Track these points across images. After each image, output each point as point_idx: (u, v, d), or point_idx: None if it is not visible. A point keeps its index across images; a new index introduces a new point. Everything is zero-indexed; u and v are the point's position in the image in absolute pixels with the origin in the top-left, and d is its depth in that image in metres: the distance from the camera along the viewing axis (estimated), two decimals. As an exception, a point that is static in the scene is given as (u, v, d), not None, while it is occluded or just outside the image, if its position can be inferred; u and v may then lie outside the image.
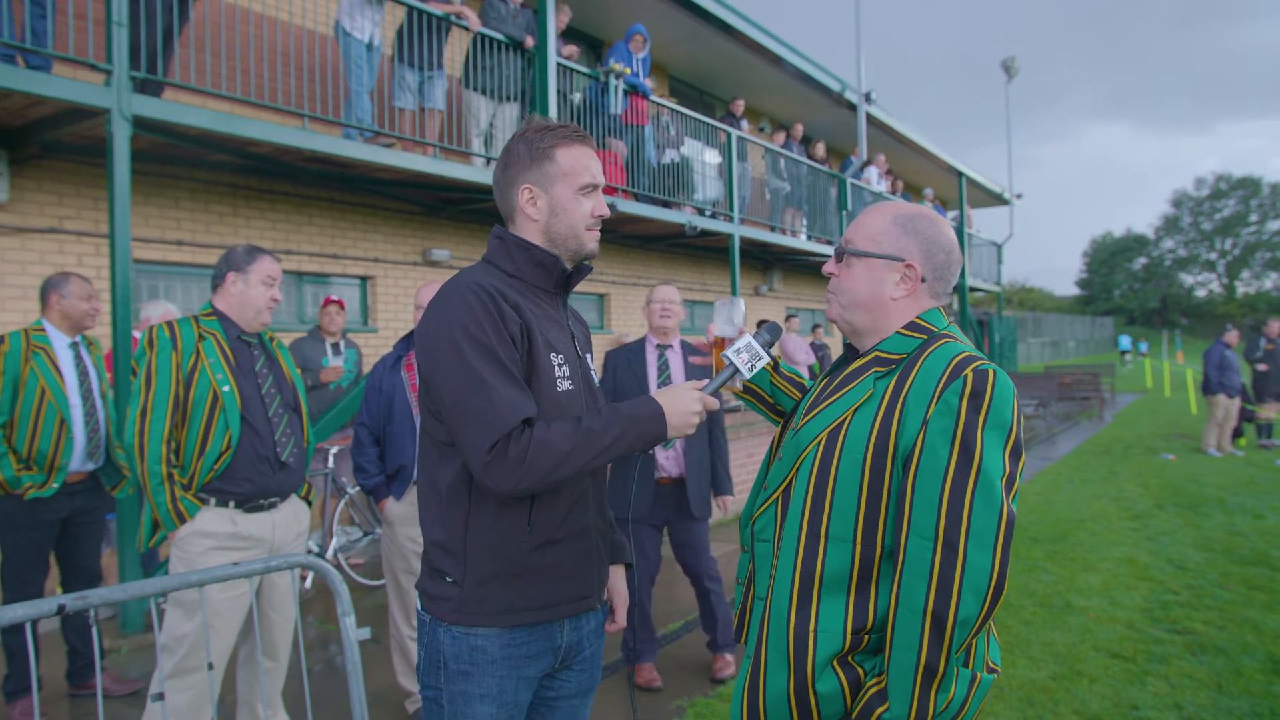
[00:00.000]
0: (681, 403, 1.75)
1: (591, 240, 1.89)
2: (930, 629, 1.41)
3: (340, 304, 6.56)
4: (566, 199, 1.85)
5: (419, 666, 1.86)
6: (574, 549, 1.83)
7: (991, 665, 1.55)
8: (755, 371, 1.83)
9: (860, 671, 1.51)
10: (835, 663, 1.51)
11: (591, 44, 11.64)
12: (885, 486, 1.51)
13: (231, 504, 3.00)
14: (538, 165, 1.85)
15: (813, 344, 13.07)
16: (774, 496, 1.65)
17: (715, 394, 1.80)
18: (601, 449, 1.67)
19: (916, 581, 1.43)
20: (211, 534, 2.96)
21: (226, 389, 2.98)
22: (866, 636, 1.52)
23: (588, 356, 1.98)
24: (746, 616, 1.73)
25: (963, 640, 1.41)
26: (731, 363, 1.82)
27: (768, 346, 1.84)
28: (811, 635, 1.52)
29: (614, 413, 1.71)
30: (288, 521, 3.17)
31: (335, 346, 6.51)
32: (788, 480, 1.62)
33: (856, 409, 1.56)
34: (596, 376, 2.02)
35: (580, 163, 1.86)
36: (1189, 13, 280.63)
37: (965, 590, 1.40)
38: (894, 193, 18.10)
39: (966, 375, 1.48)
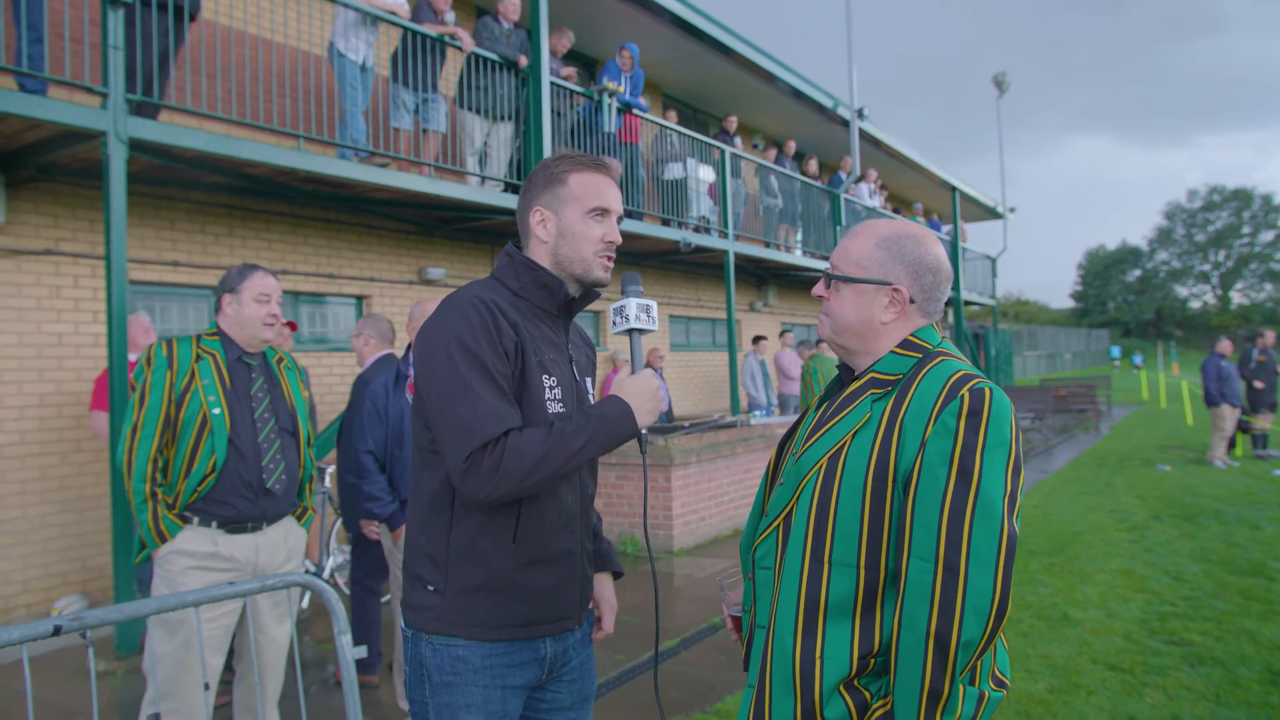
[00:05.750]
0: (642, 389, 1.80)
1: (600, 267, 1.91)
2: (934, 652, 1.40)
3: (292, 326, 6.38)
4: (575, 221, 1.88)
5: (405, 683, 1.87)
6: (557, 571, 1.84)
7: (1000, 678, 1.53)
8: (652, 316, 1.92)
9: (867, 695, 1.50)
10: (842, 687, 1.49)
11: (586, 63, 11.73)
12: (887, 510, 1.50)
13: (214, 524, 2.99)
14: (550, 188, 1.89)
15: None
16: (775, 523, 1.63)
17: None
18: (574, 451, 1.69)
19: (918, 605, 1.42)
20: (190, 553, 2.94)
21: (217, 411, 2.97)
22: (873, 660, 1.51)
23: (587, 380, 2.00)
24: (751, 645, 1.71)
25: (967, 662, 1.41)
26: (631, 327, 1.90)
27: (639, 294, 1.92)
28: (818, 662, 1.50)
29: (584, 416, 1.74)
30: (273, 544, 3.13)
31: None
32: (789, 507, 1.60)
33: (856, 433, 1.55)
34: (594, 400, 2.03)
35: (592, 188, 1.89)
36: (1161, 26, 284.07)
37: (967, 612, 1.39)
38: (886, 208, 18.19)
39: (963, 395, 1.47)
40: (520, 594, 1.80)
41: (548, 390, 1.81)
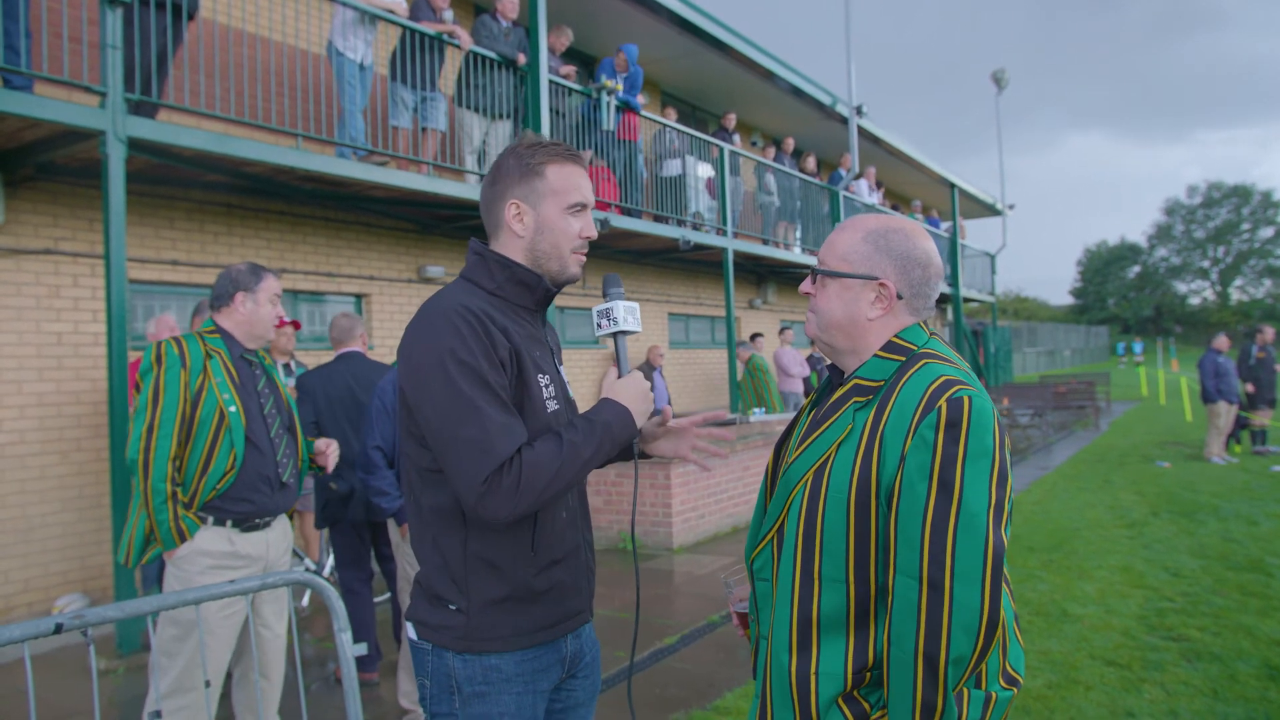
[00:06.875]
0: (633, 391, 1.81)
1: (575, 264, 1.86)
2: (924, 670, 1.37)
3: (296, 325, 6.41)
4: (554, 216, 1.82)
5: (423, 697, 1.81)
6: (571, 566, 1.85)
7: (1012, 674, 1.50)
8: (636, 317, 1.91)
9: (866, 705, 1.48)
10: (840, 700, 1.48)
11: (585, 61, 11.72)
12: (873, 524, 1.48)
13: (229, 523, 3.00)
14: (526, 181, 1.82)
15: (810, 357, 13.08)
16: (769, 536, 1.61)
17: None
18: (584, 461, 1.69)
19: (906, 623, 1.40)
20: (209, 553, 2.96)
21: (233, 409, 2.98)
22: (869, 674, 1.49)
23: (561, 370, 1.98)
24: (757, 654, 1.70)
25: (959, 677, 1.38)
26: (620, 329, 1.89)
27: (621, 296, 1.91)
28: (813, 678, 1.49)
29: (589, 424, 1.72)
30: (279, 539, 3.18)
31: (286, 367, 6.30)
32: (780, 520, 1.59)
33: (839, 445, 1.52)
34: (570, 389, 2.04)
35: (570, 181, 1.83)
36: (1160, 23, 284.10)
37: (955, 629, 1.36)
38: (885, 205, 18.19)
39: (940, 406, 1.42)
40: (543, 596, 1.78)
41: (544, 390, 1.79)
